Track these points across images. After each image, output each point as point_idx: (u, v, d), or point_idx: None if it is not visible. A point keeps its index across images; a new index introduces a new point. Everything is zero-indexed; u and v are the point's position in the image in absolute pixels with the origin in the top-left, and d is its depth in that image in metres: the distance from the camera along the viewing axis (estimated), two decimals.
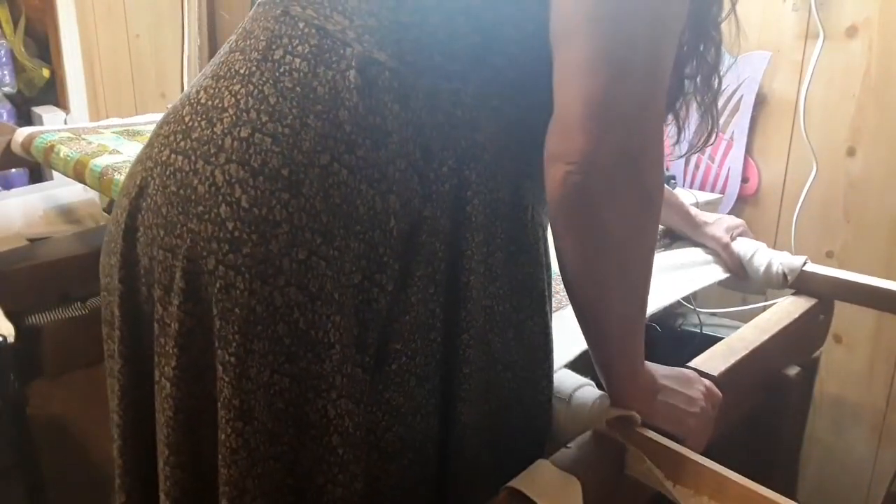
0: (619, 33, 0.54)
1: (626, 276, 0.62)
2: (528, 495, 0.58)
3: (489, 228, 0.62)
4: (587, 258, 0.61)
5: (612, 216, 0.57)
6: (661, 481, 0.62)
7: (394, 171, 0.58)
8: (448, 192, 0.60)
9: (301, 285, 0.56)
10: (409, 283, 0.59)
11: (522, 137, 0.62)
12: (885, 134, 1.37)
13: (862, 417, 1.49)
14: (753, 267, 1.03)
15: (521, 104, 0.62)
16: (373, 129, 0.58)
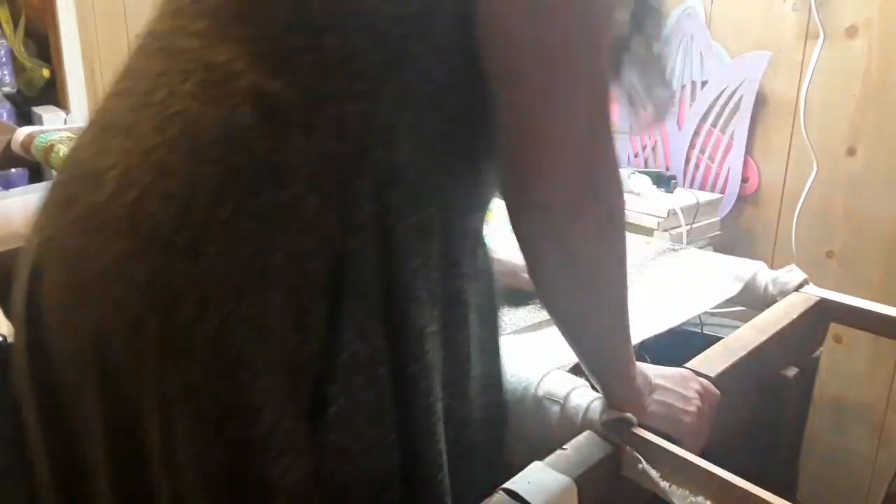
0: (562, 70, 0.53)
1: (603, 293, 0.61)
2: (523, 497, 0.58)
3: (422, 250, 0.58)
4: (562, 285, 0.60)
5: (579, 243, 0.57)
6: (657, 483, 0.62)
7: (306, 209, 0.52)
8: (371, 219, 0.55)
9: (218, 355, 0.51)
10: (340, 321, 0.54)
11: (446, 150, 0.59)
12: (885, 134, 1.37)
13: (862, 417, 1.49)
14: (755, 286, 1.03)
15: (441, 117, 0.57)
16: (276, 168, 0.52)
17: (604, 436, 0.66)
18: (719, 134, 1.58)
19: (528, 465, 0.62)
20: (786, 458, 1.07)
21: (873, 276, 1.42)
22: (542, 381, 0.73)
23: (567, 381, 0.72)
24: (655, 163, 1.70)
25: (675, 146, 1.66)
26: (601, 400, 0.69)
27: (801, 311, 0.95)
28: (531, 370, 0.74)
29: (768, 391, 0.94)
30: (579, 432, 0.68)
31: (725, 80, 1.54)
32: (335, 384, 0.54)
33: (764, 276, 1.04)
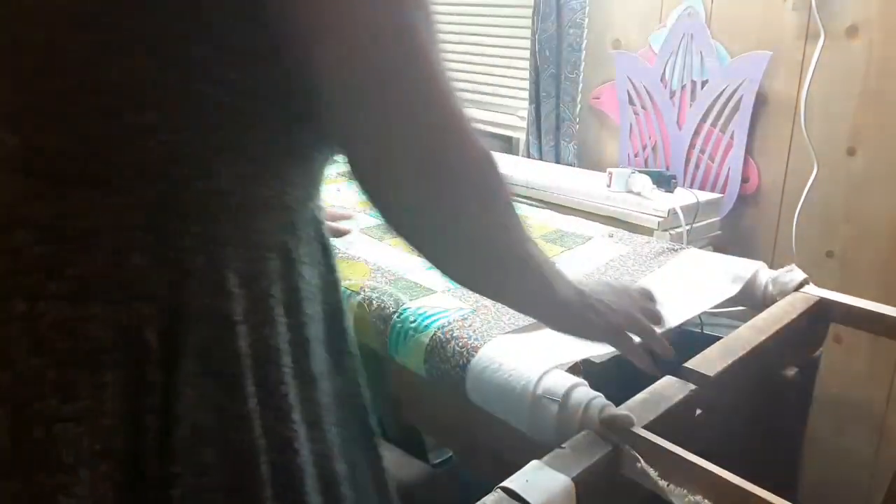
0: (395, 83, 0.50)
1: (485, 261, 0.60)
2: (521, 496, 0.58)
3: (264, 284, 0.54)
4: (448, 262, 0.60)
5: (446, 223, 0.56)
6: (656, 482, 0.62)
7: (127, 271, 0.47)
8: (206, 264, 0.50)
9: (50, 469, 0.46)
10: (176, 389, 0.49)
11: (273, 163, 0.54)
12: (885, 134, 1.36)
13: (862, 417, 1.49)
14: (755, 286, 1.03)
15: (258, 137, 0.52)
16: (71, 237, 0.46)
17: (602, 434, 0.66)
18: (719, 134, 1.58)
19: (527, 464, 0.62)
20: (786, 458, 1.07)
21: (873, 276, 1.42)
22: (541, 379, 0.73)
23: (566, 380, 0.72)
24: (655, 163, 1.70)
25: (676, 146, 1.66)
26: (601, 398, 0.69)
27: (800, 311, 0.95)
28: (530, 369, 0.74)
29: (768, 391, 0.94)
30: (578, 431, 0.68)
31: (725, 80, 1.54)
32: (175, 463, 0.49)
33: (764, 275, 1.04)
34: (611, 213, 1.45)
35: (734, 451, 0.80)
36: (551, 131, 1.83)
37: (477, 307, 0.91)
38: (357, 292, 0.95)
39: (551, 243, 1.18)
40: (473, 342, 0.81)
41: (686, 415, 0.75)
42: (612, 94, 1.76)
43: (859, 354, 1.46)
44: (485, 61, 2.07)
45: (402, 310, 0.89)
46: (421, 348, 0.84)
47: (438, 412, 0.92)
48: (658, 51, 1.65)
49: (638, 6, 1.68)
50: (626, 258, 1.11)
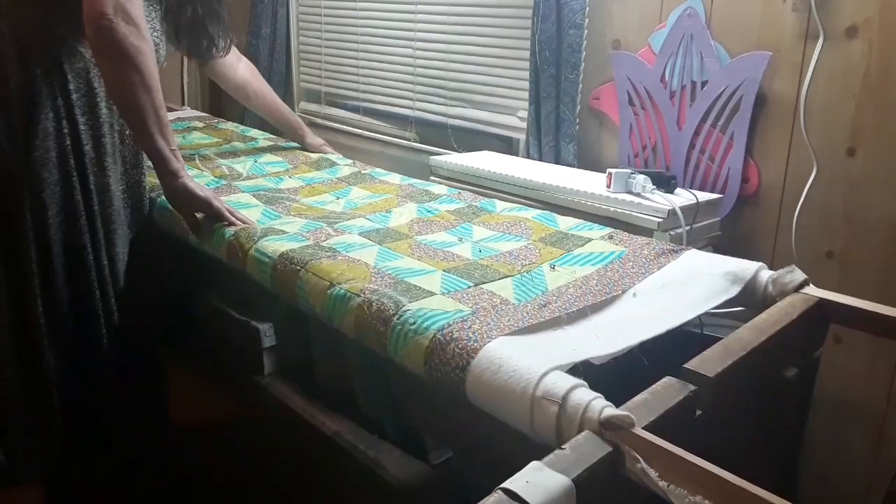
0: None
1: (128, 106, 1.20)
2: (521, 497, 0.58)
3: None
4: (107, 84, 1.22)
5: (103, 64, 1.19)
6: (655, 482, 0.62)
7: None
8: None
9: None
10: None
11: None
12: (885, 134, 1.36)
13: (862, 417, 1.49)
14: (755, 286, 1.03)
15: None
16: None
17: (602, 435, 0.66)
18: (719, 134, 1.58)
19: (527, 465, 0.62)
20: (786, 458, 1.07)
21: (873, 277, 1.42)
22: (541, 380, 0.73)
23: (566, 381, 0.72)
24: (655, 163, 1.70)
25: (675, 146, 1.66)
26: (601, 399, 0.69)
27: (800, 312, 0.95)
28: (530, 370, 0.74)
29: (768, 391, 0.94)
30: (578, 432, 0.68)
31: (725, 80, 1.54)
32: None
33: (764, 276, 1.04)
34: (610, 213, 1.45)
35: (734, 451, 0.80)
36: (551, 132, 1.83)
37: (476, 309, 0.91)
38: (357, 294, 0.95)
39: (551, 245, 1.18)
40: (473, 344, 0.81)
41: (686, 415, 0.75)
42: (612, 95, 1.76)
43: (859, 355, 1.46)
44: (485, 62, 2.07)
45: (402, 312, 0.89)
46: (421, 350, 0.84)
47: (438, 413, 0.92)
48: (658, 51, 1.65)
49: (638, 6, 1.69)
50: (626, 259, 1.11)
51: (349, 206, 1.40)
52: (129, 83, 1.15)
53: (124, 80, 1.16)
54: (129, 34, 1.13)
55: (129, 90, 1.16)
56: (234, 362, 1.22)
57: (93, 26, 1.13)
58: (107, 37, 1.13)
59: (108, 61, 1.16)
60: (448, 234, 1.24)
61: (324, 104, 2.65)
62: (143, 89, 1.16)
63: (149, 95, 1.16)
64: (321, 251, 1.09)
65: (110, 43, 1.13)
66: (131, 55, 1.14)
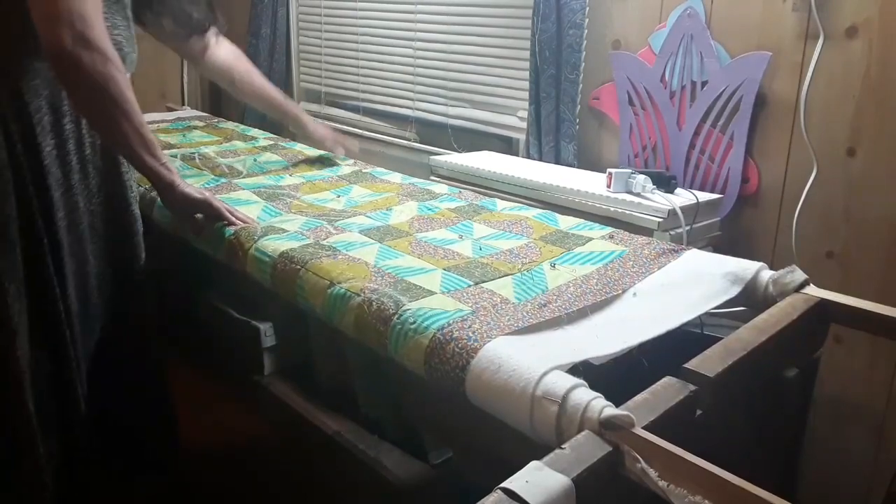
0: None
1: (110, 136, 1.16)
2: (521, 496, 0.58)
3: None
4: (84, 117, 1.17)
5: (74, 98, 1.13)
6: (655, 482, 0.62)
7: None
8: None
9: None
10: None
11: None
12: (885, 134, 1.36)
13: (862, 417, 1.49)
14: (755, 286, 1.03)
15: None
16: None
17: (602, 435, 0.66)
18: (719, 134, 1.58)
19: (527, 465, 0.62)
20: (786, 458, 1.07)
21: (873, 277, 1.42)
22: (541, 380, 0.73)
23: (565, 381, 0.72)
24: (655, 163, 1.70)
25: (675, 146, 1.66)
26: (601, 399, 0.69)
27: (801, 312, 0.95)
28: (529, 370, 0.74)
29: (768, 391, 0.94)
30: (577, 432, 0.68)
31: (725, 80, 1.54)
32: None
33: (764, 276, 1.04)
34: (611, 213, 1.45)
35: (734, 451, 0.80)
36: (551, 132, 1.83)
37: (476, 308, 0.91)
38: (357, 294, 0.95)
39: (551, 244, 1.17)
40: (473, 343, 0.81)
41: (686, 415, 0.75)
42: (612, 95, 1.76)
43: (859, 355, 1.46)
44: (485, 62, 2.07)
45: (402, 311, 0.89)
46: (421, 349, 0.84)
47: (438, 412, 0.92)
48: (658, 51, 1.65)
49: (638, 6, 1.69)
50: (627, 258, 1.11)
51: (350, 203, 1.40)
52: (107, 115, 1.10)
53: (100, 112, 1.11)
54: (95, 62, 1.06)
55: (108, 122, 1.12)
56: (234, 362, 1.22)
57: (54, 62, 1.07)
58: (72, 71, 1.06)
59: (79, 96, 1.11)
60: (449, 231, 1.24)
61: (324, 104, 2.65)
62: (123, 117, 1.11)
63: (129, 122, 1.11)
64: (321, 250, 1.09)
65: (77, 78, 1.06)
66: (101, 86, 1.07)
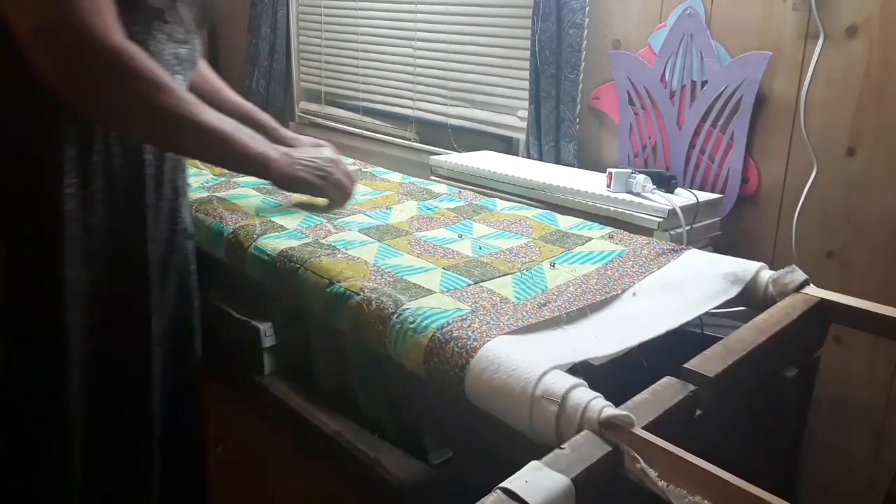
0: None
1: (159, 129, 0.86)
2: (520, 496, 0.58)
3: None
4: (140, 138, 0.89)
5: (109, 112, 0.82)
6: (655, 482, 0.62)
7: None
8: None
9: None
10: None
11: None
12: (885, 134, 1.36)
13: (862, 417, 1.49)
14: (755, 286, 1.03)
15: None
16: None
17: (602, 435, 0.66)
18: (719, 134, 1.58)
19: (526, 465, 0.62)
20: (786, 457, 1.07)
21: (873, 277, 1.42)
22: (540, 380, 0.73)
23: (565, 381, 0.72)
24: (655, 163, 1.70)
25: (675, 146, 1.66)
26: (600, 399, 0.69)
27: (801, 312, 0.95)
28: (529, 369, 0.74)
29: (768, 392, 0.94)
30: (577, 431, 0.68)
31: (725, 80, 1.54)
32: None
33: (764, 276, 1.04)
34: (610, 213, 1.45)
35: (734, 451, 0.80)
36: (551, 132, 1.83)
37: (476, 308, 0.91)
38: (356, 293, 0.95)
39: (551, 244, 1.17)
40: (472, 343, 0.81)
41: (686, 415, 0.75)
42: (612, 95, 1.76)
43: (859, 355, 1.46)
44: (485, 62, 2.07)
45: (401, 310, 0.89)
46: (420, 349, 0.84)
47: (438, 412, 0.92)
48: (658, 51, 1.65)
49: (638, 6, 1.68)
50: (627, 258, 1.11)
51: (350, 201, 1.40)
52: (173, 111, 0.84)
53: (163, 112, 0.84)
54: (136, 53, 0.80)
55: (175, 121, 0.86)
56: (234, 362, 1.22)
57: (88, 63, 0.77)
58: (116, 72, 0.78)
59: (123, 104, 0.81)
60: (448, 230, 1.23)
61: (324, 104, 2.65)
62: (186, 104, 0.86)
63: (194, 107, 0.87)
64: (320, 249, 1.09)
65: (124, 76, 0.78)
66: (156, 78, 0.81)
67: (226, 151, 0.94)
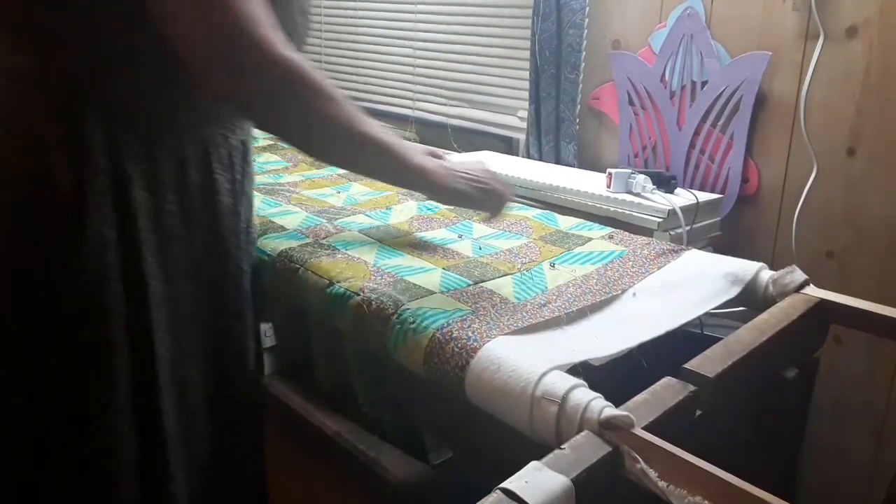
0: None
1: (331, 141, 0.85)
2: (520, 497, 0.58)
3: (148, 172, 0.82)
4: (287, 140, 0.87)
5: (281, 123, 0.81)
6: (655, 483, 0.62)
7: (57, 135, 0.76)
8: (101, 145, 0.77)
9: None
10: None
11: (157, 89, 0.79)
12: (885, 134, 1.36)
13: (862, 418, 1.49)
14: (755, 287, 1.03)
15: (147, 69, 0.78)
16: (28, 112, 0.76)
17: (602, 435, 0.66)
18: (719, 134, 1.58)
19: (526, 465, 0.62)
20: (786, 458, 1.07)
21: (873, 277, 1.42)
22: (540, 380, 0.73)
23: (565, 381, 0.72)
24: (655, 163, 1.70)
25: (675, 146, 1.66)
26: (600, 399, 0.69)
27: (801, 312, 0.95)
28: (529, 370, 0.74)
29: (768, 392, 0.94)
30: (577, 432, 0.68)
31: (725, 80, 1.54)
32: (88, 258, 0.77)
33: (764, 276, 1.04)
34: (610, 213, 1.45)
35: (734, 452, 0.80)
36: (551, 132, 1.83)
37: (476, 308, 0.91)
38: (357, 293, 0.95)
39: (551, 243, 1.17)
40: (472, 343, 0.81)
41: (686, 416, 0.75)
42: (612, 95, 1.76)
43: (859, 355, 1.46)
44: (485, 62, 2.07)
45: (401, 311, 0.89)
46: (420, 349, 0.84)
47: (438, 412, 0.92)
48: (658, 51, 1.65)
49: (638, 6, 1.68)
50: (626, 259, 1.11)
51: (349, 201, 1.40)
52: (348, 123, 0.83)
53: (336, 120, 0.83)
54: (304, 63, 0.78)
55: (349, 133, 0.84)
56: None
57: (265, 78, 0.75)
58: (293, 85, 0.76)
59: (301, 115, 0.80)
60: (448, 230, 1.23)
61: None
62: (356, 114, 0.86)
63: (361, 117, 0.87)
64: (320, 249, 1.09)
65: (301, 89, 0.77)
66: (328, 89, 0.80)
67: (388, 163, 0.91)
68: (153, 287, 0.81)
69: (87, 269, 0.76)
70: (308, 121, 0.80)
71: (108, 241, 0.77)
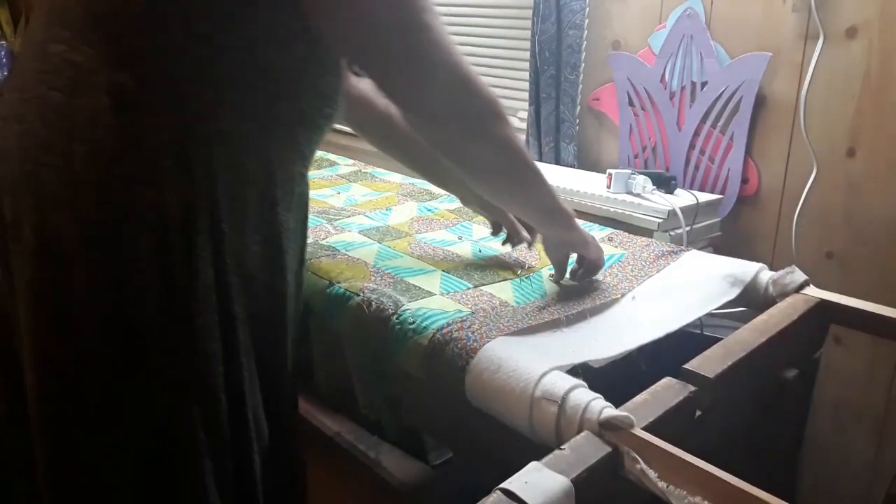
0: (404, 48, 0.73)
1: (503, 181, 0.88)
2: (520, 497, 0.58)
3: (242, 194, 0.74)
4: (479, 183, 0.91)
5: (472, 156, 0.83)
6: (655, 483, 0.62)
7: (160, 169, 0.68)
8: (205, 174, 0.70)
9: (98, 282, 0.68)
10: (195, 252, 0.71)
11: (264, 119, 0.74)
12: (885, 134, 1.36)
13: (862, 418, 1.49)
14: (755, 287, 1.03)
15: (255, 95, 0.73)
16: (133, 140, 0.67)
17: (601, 436, 0.66)
18: (719, 135, 1.58)
19: (526, 466, 0.62)
20: (786, 458, 1.07)
21: (873, 278, 1.42)
22: (540, 381, 0.73)
23: (565, 382, 0.72)
24: (655, 164, 1.70)
25: (675, 147, 1.66)
26: (600, 399, 0.69)
27: (801, 313, 0.95)
28: (529, 370, 0.74)
29: (768, 392, 0.94)
30: (577, 432, 0.68)
31: (725, 81, 1.54)
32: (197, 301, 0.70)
33: (764, 277, 1.04)
34: (610, 214, 1.45)
35: (734, 452, 0.80)
36: (551, 132, 1.83)
37: (476, 309, 0.91)
38: (357, 294, 0.95)
39: None
40: (472, 344, 0.81)
41: (686, 416, 0.75)
42: (612, 96, 1.76)
43: (859, 356, 1.46)
44: (484, 62, 2.07)
45: (401, 311, 0.89)
46: (420, 350, 0.84)
47: (438, 413, 0.92)
48: (658, 52, 1.65)
49: (638, 7, 1.69)
50: (626, 262, 1.11)
51: (349, 202, 1.40)
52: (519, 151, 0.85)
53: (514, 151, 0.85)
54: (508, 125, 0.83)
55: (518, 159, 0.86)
56: None
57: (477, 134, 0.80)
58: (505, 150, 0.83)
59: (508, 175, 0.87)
60: (448, 232, 1.23)
61: None
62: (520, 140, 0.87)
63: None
64: (320, 249, 1.09)
65: (489, 112, 0.80)
66: (524, 154, 0.86)
67: (537, 192, 0.91)
68: (241, 332, 0.75)
69: (199, 313, 0.70)
70: (494, 144, 0.82)
71: (210, 285, 0.71)
